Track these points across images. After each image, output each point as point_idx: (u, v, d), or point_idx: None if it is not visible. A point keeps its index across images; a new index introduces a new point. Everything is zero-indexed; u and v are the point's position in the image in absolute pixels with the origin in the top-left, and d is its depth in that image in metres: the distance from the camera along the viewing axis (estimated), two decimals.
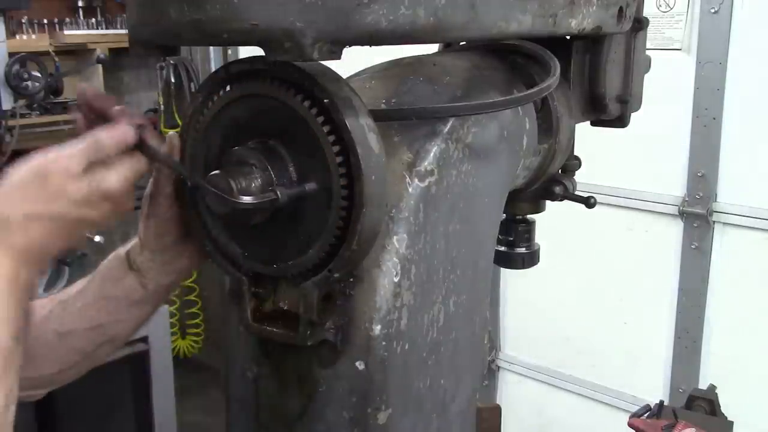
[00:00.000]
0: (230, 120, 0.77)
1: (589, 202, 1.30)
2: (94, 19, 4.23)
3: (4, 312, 0.74)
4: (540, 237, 1.36)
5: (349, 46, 0.69)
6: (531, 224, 1.35)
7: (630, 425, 1.82)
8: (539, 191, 1.27)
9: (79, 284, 0.98)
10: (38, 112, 3.81)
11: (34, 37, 3.94)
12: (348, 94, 0.72)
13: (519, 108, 1.03)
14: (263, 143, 0.74)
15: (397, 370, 0.82)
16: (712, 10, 2.59)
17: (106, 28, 4.24)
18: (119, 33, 4.16)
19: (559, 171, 1.28)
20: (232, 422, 0.91)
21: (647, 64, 1.34)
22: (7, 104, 3.09)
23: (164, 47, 0.75)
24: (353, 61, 0.84)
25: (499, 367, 3.46)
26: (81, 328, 0.94)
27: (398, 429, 0.83)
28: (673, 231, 2.84)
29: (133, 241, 0.93)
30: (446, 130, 0.87)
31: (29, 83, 3.15)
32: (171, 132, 0.82)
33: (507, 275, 3.27)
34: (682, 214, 2.78)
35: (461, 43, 1.22)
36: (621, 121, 1.29)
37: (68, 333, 0.95)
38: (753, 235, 2.67)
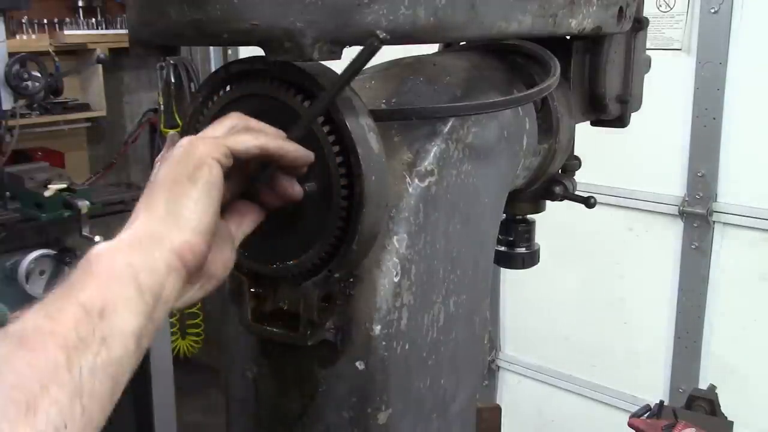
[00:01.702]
0: None
1: (589, 202, 1.30)
2: (94, 19, 4.23)
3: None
4: (540, 237, 1.36)
5: (349, 46, 0.69)
6: (531, 224, 1.35)
7: (630, 425, 1.82)
8: (539, 191, 1.27)
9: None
10: (38, 112, 3.81)
11: (34, 37, 3.94)
12: (348, 94, 0.72)
13: (519, 108, 1.03)
14: None
15: (397, 370, 0.82)
16: (712, 10, 2.59)
17: (106, 28, 4.24)
18: (119, 33, 4.16)
19: (559, 171, 1.28)
20: (232, 422, 0.91)
21: (647, 64, 1.34)
22: (7, 104, 3.09)
23: (164, 47, 0.75)
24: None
25: (499, 367, 3.46)
26: None
27: (398, 429, 0.83)
28: (673, 231, 2.84)
29: None
30: (446, 130, 0.87)
31: (29, 83, 3.15)
32: (171, 132, 0.81)
33: (507, 275, 3.27)
34: (682, 214, 2.78)
35: (461, 43, 1.22)
36: (621, 121, 1.29)
37: None
38: (753, 235, 2.67)
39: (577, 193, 1.29)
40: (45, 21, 4.02)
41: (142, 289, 0.59)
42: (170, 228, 0.63)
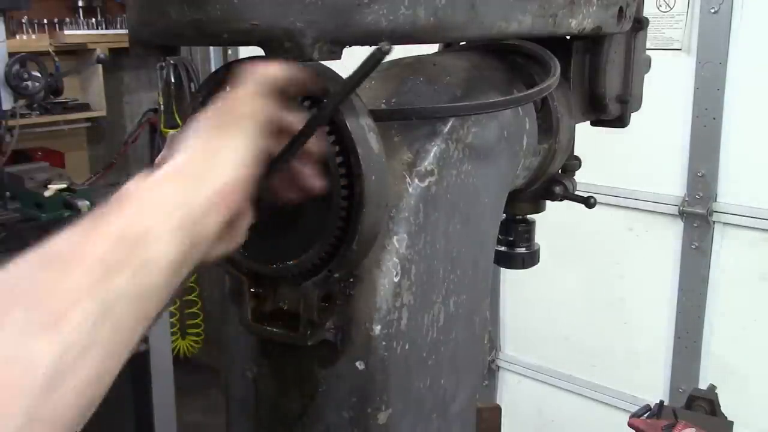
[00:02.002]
0: None
1: (589, 202, 1.30)
2: (94, 19, 4.23)
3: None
4: (540, 237, 1.36)
5: (349, 46, 0.69)
6: (531, 224, 1.35)
7: (630, 425, 1.82)
8: (539, 191, 1.27)
9: None
10: (38, 112, 3.82)
11: (34, 37, 3.94)
12: None
13: (519, 108, 1.03)
14: None
15: (397, 370, 0.82)
16: (712, 10, 2.59)
17: (106, 28, 4.24)
18: (119, 33, 4.16)
19: (559, 171, 1.28)
20: (232, 422, 0.91)
21: (647, 64, 1.34)
22: (7, 104, 3.09)
23: (164, 47, 0.75)
24: (353, 61, 0.84)
25: (499, 367, 3.46)
26: None
27: (398, 429, 0.83)
28: (673, 231, 2.84)
29: None
30: (446, 130, 0.87)
31: (29, 83, 3.15)
32: (171, 132, 0.81)
33: (507, 275, 3.27)
34: (682, 214, 2.78)
35: (461, 43, 1.22)
36: (621, 121, 1.29)
37: None
38: (753, 235, 2.67)
39: (577, 193, 1.29)
40: (45, 21, 4.02)
41: (181, 224, 0.58)
42: (211, 169, 0.62)
